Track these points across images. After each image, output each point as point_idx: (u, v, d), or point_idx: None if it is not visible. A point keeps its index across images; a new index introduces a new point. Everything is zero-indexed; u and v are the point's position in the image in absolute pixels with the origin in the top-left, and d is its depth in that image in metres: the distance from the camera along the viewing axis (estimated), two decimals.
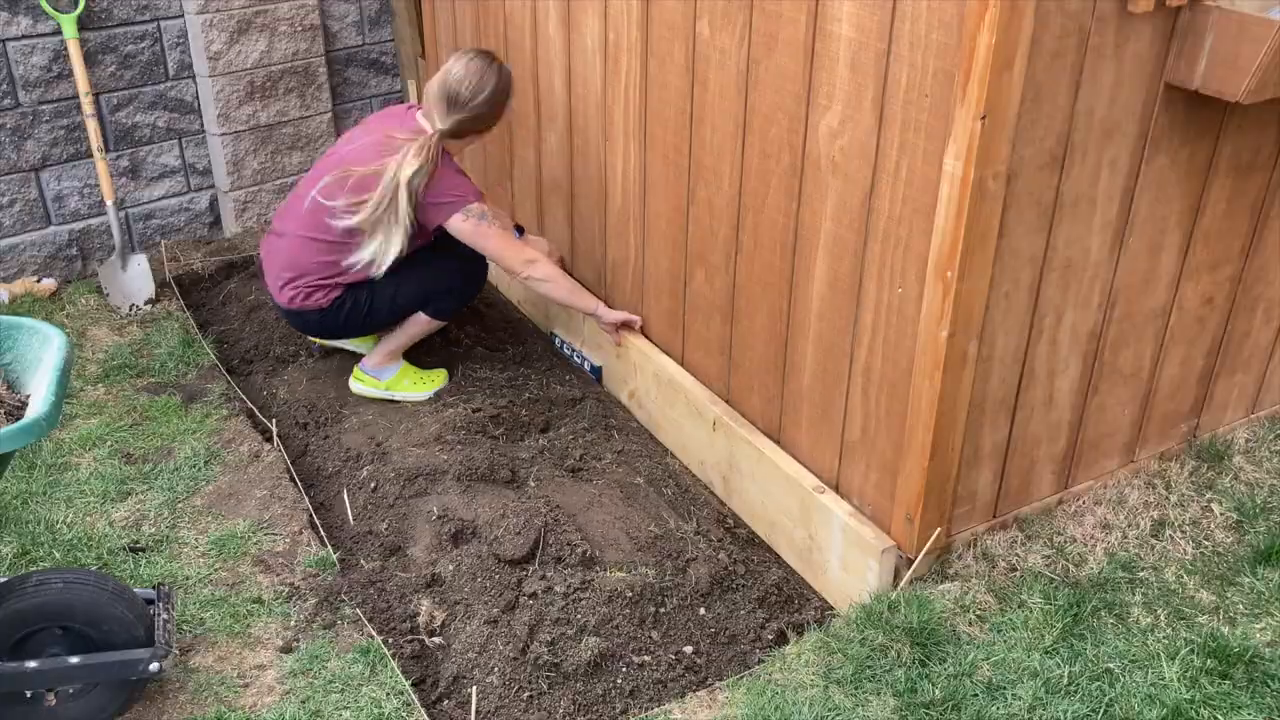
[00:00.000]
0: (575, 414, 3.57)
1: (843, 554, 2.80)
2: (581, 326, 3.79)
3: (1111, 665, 2.48)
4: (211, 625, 2.77)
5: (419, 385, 3.64)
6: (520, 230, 3.97)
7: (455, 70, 3.27)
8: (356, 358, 3.74)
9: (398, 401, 3.61)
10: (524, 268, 3.44)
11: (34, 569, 2.87)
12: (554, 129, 3.69)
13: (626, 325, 3.56)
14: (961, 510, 2.73)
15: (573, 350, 3.89)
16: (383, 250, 3.27)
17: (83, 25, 4.04)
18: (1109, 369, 2.80)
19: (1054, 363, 2.68)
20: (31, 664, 2.38)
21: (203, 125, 4.47)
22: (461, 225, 3.33)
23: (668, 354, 3.42)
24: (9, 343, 2.39)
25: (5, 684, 2.37)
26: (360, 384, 3.64)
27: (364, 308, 3.45)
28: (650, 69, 3.09)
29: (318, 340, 3.83)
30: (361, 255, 3.29)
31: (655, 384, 3.45)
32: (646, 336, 3.51)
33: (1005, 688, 2.44)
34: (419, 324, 3.58)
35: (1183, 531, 2.87)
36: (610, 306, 3.61)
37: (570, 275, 3.84)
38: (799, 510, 2.93)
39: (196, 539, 3.05)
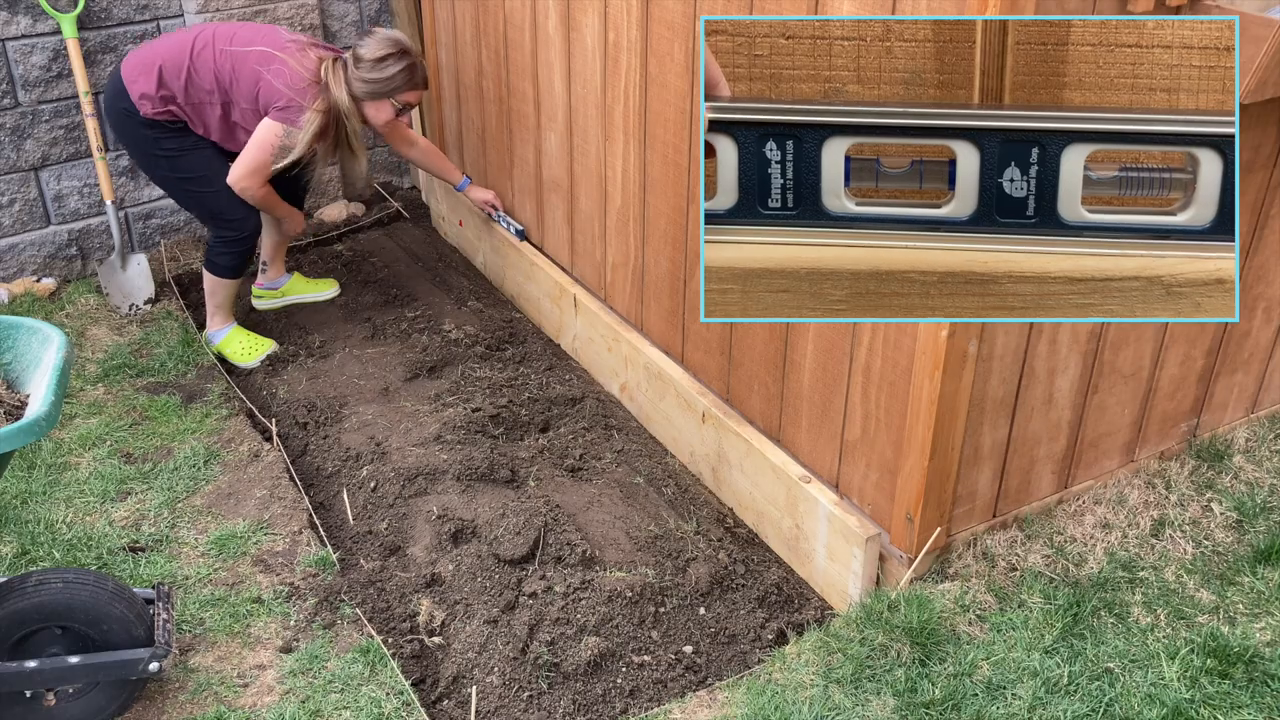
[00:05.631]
0: (575, 414, 3.57)
1: (828, 542, 2.81)
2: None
3: (1111, 665, 2.48)
4: (211, 625, 2.77)
5: (245, 355, 3.87)
6: (496, 210, 4.20)
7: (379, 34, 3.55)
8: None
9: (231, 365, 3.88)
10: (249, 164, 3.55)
11: (34, 569, 2.87)
12: (554, 129, 3.69)
13: (487, 202, 4.14)
14: (961, 510, 2.73)
15: (499, 216, 4.20)
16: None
17: (82, 25, 4.04)
18: (1109, 368, 2.80)
19: (1054, 362, 2.68)
20: (31, 664, 2.38)
21: None
22: (266, 126, 3.46)
23: (668, 353, 3.42)
24: (9, 343, 2.39)
25: (5, 684, 2.37)
26: (205, 341, 3.94)
27: (174, 158, 3.60)
28: (650, 69, 3.08)
29: (263, 301, 4.16)
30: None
31: (646, 377, 3.46)
32: (646, 336, 3.51)
33: (1005, 687, 2.44)
34: (209, 283, 3.82)
35: (1183, 531, 2.87)
36: (611, 307, 3.63)
37: (570, 274, 3.84)
38: (785, 500, 2.94)
39: (196, 539, 3.05)
